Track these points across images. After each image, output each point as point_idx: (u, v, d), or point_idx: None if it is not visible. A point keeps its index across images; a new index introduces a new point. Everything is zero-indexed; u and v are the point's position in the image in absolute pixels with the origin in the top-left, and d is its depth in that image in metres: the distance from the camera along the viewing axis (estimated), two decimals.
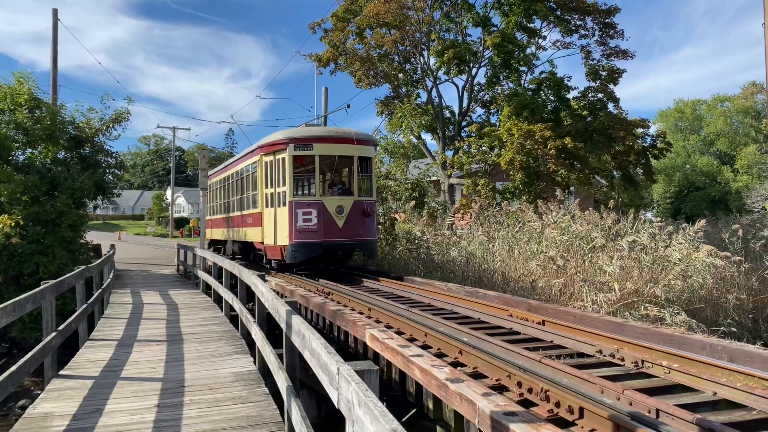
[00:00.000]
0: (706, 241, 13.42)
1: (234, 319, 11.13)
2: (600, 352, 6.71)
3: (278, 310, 5.79)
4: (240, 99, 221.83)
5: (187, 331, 10.49)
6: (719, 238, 14.67)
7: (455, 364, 6.37)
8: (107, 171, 21.76)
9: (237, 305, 10.10)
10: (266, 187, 15.16)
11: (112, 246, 19.43)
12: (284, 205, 14.23)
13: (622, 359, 6.40)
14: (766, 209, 38.82)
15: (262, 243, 15.52)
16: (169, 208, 67.98)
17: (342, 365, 3.22)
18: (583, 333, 7.42)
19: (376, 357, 7.56)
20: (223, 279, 12.85)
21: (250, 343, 8.66)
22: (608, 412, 4.52)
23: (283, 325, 5.52)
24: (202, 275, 16.01)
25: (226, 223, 20.63)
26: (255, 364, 7.89)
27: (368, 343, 7.57)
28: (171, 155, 72.07)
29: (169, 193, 75.00)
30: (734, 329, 10.99)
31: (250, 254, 18.20)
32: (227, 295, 11.64)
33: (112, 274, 16.12)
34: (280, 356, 6.02)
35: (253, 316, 8.36)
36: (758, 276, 12.55)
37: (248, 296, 10.36)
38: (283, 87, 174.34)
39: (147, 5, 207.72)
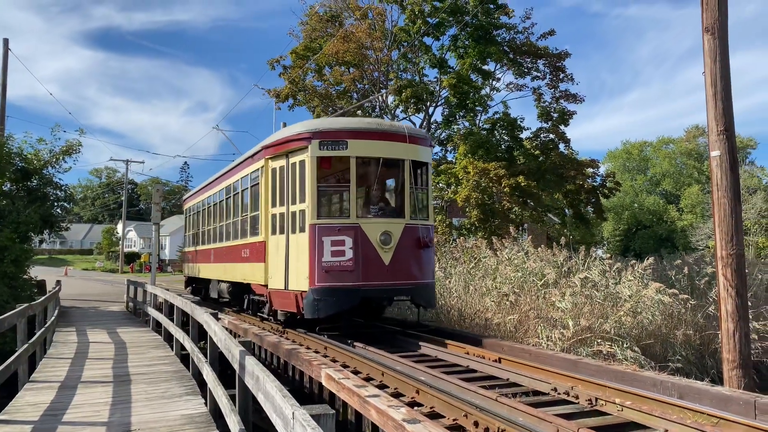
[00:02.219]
0: (655, 278, 13.85)
1: (185, 358, 10.78)
2: (555, 389, 6.77)
3: (231, 350, 5.65)
4: (196, 132, 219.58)
5: (135, 371, 10.09)
6: (666, 276, 15.16)
7: (412, 404, 6.32)
8: (55, 204, 21.13)
9: (188, 344, 9.81)
10: (273, 204, 11.02)
11: (58, 282, 18.69)
12: (302, 230, 10.16)
13: (577, 397, 6.48)
14: (709, 247, 40.32)
15: (265, 286, 11.34)
16: (120, 242, 66.14)
17: (297, 409, 3.15)
18: (539, 371, 7.49)
19: (332, 397, 7.44)
20: (175, 317, 12.45)
21: (202, 384, 8.39)
22: None
23: (236, 366, 5.38)
24: (153, 313, 15.52)
25: (210, 256, 16.39)
26: (206, 405, 7.63)
27: (324, 383, 7.45)
28: (123, 188, 70.51)
29: (120, 227, 73.07)
30: (680, 365, 11.30)
31: (244, 300, 13.74)
32: (178, 334, 11.29)
33: (57, 311, 15.46)
34: (232, 397, 5.85)
35: (205, 355, 8.14)
36: (703, 313, 12.98)
37: (200, 335, 10.09)
38: (241, 120, 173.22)
39: (102, 36, 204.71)
